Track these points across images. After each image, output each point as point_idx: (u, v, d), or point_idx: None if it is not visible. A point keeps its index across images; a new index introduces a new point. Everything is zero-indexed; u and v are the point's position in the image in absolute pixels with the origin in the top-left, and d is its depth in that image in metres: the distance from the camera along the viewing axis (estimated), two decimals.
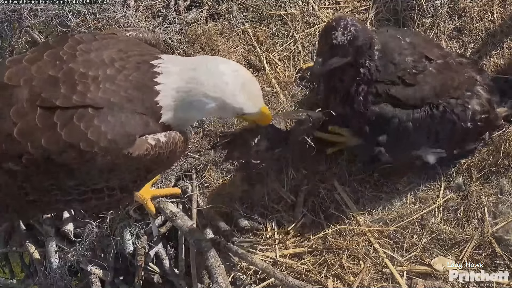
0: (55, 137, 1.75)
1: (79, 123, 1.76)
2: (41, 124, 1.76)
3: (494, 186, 2.80)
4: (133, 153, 1.83)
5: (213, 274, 2.55)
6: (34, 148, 1.75)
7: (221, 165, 3.04)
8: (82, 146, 1.76)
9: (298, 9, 3.44)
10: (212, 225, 2.91)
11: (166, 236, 3.06)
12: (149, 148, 1.87)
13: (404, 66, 2.56)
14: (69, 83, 1.80)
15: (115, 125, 1.79)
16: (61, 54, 1.88)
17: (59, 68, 1.83)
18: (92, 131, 1.77)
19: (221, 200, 2.94)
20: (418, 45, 2.66)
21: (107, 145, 1.78)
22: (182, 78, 1.88)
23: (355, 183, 2.96)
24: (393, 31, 2.79)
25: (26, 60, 1.88)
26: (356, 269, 2.73)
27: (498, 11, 3.22)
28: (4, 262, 3.62)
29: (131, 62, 1.88)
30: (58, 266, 2.97)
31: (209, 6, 3.48)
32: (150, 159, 1.90)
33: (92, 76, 1.82)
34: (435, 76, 2.61)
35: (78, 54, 1.88)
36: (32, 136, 1.76)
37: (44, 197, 1.93)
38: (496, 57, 3.12)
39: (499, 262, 2.65)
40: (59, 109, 1.77)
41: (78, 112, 1.77)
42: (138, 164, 1.90)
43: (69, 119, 1.76)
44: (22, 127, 1.76)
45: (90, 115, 1.78)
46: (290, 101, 3.16)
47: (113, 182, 1.96)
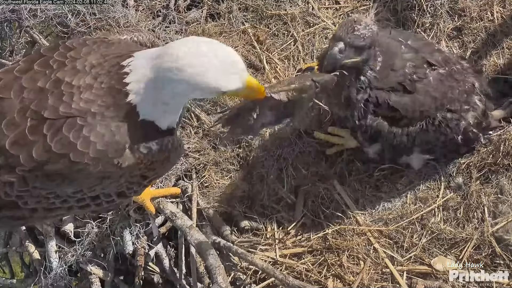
0: (46, 149, 1.73)
1: (68, 134, 1.73)
2: (32, 136, 1.74)
3: (494, 185, 2.80)
4: (122, 163, 1.80)
5: (213, 274, 2.55)
6: (26, 161, 1.74)
7: (221, 165, 3.04)
8: (72, 157, 1.73)
9: (298, 9, 3.44)
10: (212, 225, 2.91)
11: (166, 236, 3.07)
12: (141, 157, 1.83)
13: (404, 71, 2.55)
14: (56, 94, 1.77)
15: (104, 135, 1.75)
16: (51, 62, 1.85)
17: (48, 78, 1.81)
18: (81, 142, 1.73)
19: (221, 200, 2.94)
20: (420, 49, 2.64)
21: (96, 155, 1.75)
22: (148, 70, 1.73)
23: (355, 183, 2.96)
24: (396, 33, 2.76)
25: (17, 71, 1.85)
26: (356, 269, 2.73)
27: (498, 11, 3.22)
28: (4, 262, 3.62)
29: (105, 67, 1.81)
30: (58, 266, 2.97)
31: (209, 6, 3.49)
32: (144, 167, 1.87)
33: (76, 85, 1.78)
34: (436, 86, 2.60)
35: (67, 62, 1.84)
36: (24, 148, 1.74)
37: (43, 204, 1.92)
38: (496, 57, 3.12)
39: (499, 262, 2.65)
40: (49, 120, 1.75)
41: (67, 123, 1.74)
42: (132, 173, 1.88)
43: (58, 130, 1.74)
44: (14, 140, 1.75)
45: (79, 126, 1.75)
46: None
47: (109, 189, 1.93)
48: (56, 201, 1.90)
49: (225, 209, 2.93)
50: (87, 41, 1.96)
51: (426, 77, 2.59)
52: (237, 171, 3.03)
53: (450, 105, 2.65)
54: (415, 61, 2.59)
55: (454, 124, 2.68)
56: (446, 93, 2.64)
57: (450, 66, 2.70)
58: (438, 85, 2.61)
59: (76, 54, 1.87)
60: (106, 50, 1.89)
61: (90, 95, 1.76)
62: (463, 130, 2.71)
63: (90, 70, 1.80)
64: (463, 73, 2.76)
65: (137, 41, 2.13)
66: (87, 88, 1.77)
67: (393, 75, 2.54)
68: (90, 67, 1.81)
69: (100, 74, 1.80)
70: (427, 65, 2.62)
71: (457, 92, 2.67)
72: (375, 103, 2.54)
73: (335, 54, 2.29)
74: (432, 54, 2.67)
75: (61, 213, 2.01)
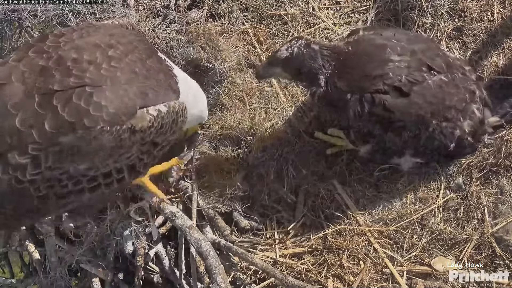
0: (58, 119, 1.79)
1: (79, 102, 1.81)
2: (42, 109, 1.80)
3: (494, 186, 2.79)
4: (135, 126, 1.90)
5: (213, 274, 2.55)
6: (40, 135, 1.77)
7: (221, 165, 3.04)
8: (87, 123, 1.80)
9: (298, 9, 3.44)
10: (212, 225, 2.91)
11: (166, 236, 3.07)
12: (151, 119, 1.94)
13: (398, 73, 2.53)
14: (63, 69, 1.87)
15: (114, 99, 1.86)
16: (46, 48, 1.95)
17: (47, 58, 1.90)
18: (93, 107, 1.82)
19: (221, 200, 2.94)
20: (420, 51, 2.62)
21: (110, 118, 1.83)
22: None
23: (355, 183, 2.96)
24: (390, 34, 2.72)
25: (12, 60, 1.93)
26: (356, 269, 2.73)
27: (498, 11, 3.22)
28: (3, 261, 3.62)
29: (138, 47, 2.07)
30: (58, 265, 2.97)
31: (209, 6, 3.48)
32: (154, 131, 1.96)
33: (88, 59, 1.92)
34: (434, 92, 2.58)
35: (62, 44, 1.96)
36: (36, 123, 1.78)
37: (55, 189, 1.93)
38: (496, 58, 3.11)
39: (499, 262, 2.65)
40: (57, 92, 1.82)
41: (75, 92, 1.83)
42: (144, 139, 1.96)
43: (68, 99, 1.81)
44: (24, 117, 1.79)
45: (88, 93, 1.84)
46: (290, 101, 3.16)
47: (122, 162, 1.97)
48: (69, 182, 1.92)
49: (225, 209, 2.93)
50: (74, 27, 2.13)
51: (424, 81, 2.57)
52: (237, 171, 3.02)
53: (446, 112, 2.63)
54: (410, 63, 2.56)
55: (448, 131, 2.68)
56: (445, 99, 2.62)
57: (452, 72, 2.68)
58: (437, 91, 2.59)
59: (69, 37, 2.01)
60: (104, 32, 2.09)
61: (119, 63, 1.95)
62: (457, 138, 2.71)
63: (109, 47, 1.99)
64: (465, 81, 2.74)
65: (118, 24, 2.29)
66: (112, 58, 1.95)
67: (368, 81, 2.52)
68: (108, 45, 1.99)
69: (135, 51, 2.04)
70: (426, 68, 2.59)
71: (455, 100, 2.65)
72: (371, 102, 2.53)
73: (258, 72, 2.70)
74: (434, 58, 2.65)
75: (70, 200, 2.03)
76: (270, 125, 3.08)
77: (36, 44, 2.00)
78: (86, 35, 2.03)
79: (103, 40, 2.02)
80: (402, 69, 2.55)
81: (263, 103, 3.15)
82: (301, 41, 2.55)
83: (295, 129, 3.07)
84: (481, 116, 2.78)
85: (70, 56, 1.91)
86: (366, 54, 2.59)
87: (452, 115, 2.66)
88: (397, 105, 2.53)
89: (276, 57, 2.55)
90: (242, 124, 3.06)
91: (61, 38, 2.00)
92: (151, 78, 2.03)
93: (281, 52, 2.53)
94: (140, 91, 1.95)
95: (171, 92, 2.11)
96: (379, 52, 2.59)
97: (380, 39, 2.65)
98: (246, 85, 3.15)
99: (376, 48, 2.60)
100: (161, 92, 2.04)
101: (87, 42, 1.99)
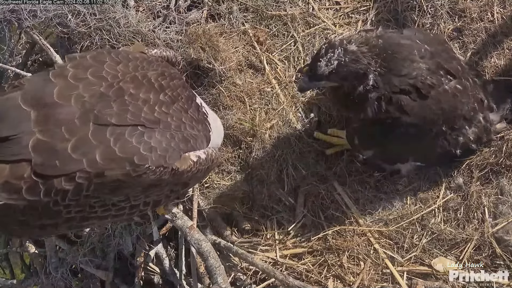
0: (110, 152, 1.81)
1: (131, 139, 1.86)
2: (95, 140, 1.81)
3: (494, 186, 2.80)
4: (180, 168, 1.96)
5: (213, 275, 2.54)
6: (90, 164, 1.78)
7: (222, 165, 3.04)
8: (136, 160, 1.84)
9: (298, 9, 3.43)
10: (213, 226, 2.91)
11: (166, 237, 3.07)
12: (191, 164, 2.02)
13: (421, 74, 2.51)
14: (120, 101, 1.93)
15: (162, 141, 1.93)
16: (104, 74, 1.99)
17: (108, 86, 1.95)
18: (143, 147, 1.87)
19: (222, 200, 2.94)
20: (436, 54, 2.60)
21: (158, 158, 1.88)
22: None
23: (355, 183, 2.96)
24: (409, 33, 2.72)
25: (71, 77, 1.94)
26: (357, 270, 2.73)
27: (498, 11, 3.21)
28: (4, 262, 3.62)
29: (180, 95, 2.17)
30: (58, 266, 2.97)
31: (209, 6, 3.48)
32: (190, 175, 2.04)
33: (143, 98, 2.00)
34: (448, 99, 2.57)
35: (120, 74, 2.02)
36: (87, 152, 1.79)
37: (83, 213, 1.96)
38: (496, 58, 3.11)
39: (499, 262, 2.66)
40: (111, 126, 1.85)
41: (128, 130, 1.88)
42: (179, 180, 2.03)
43: (121, 135, 1.85)
44: (76, 144, 1.79)
45: (140, 132, 1.90)
46: (290, 102, 3.16)
47: (151, 197, 2.05)
48: (99, 209, 1.97)
49: (226, 210, 2.93)
50: (130, 55, 2.17)
51: (440, 85, 2.56)
52: (237, 172, 3.03)
53: (456, 120, 2.63)
54: (430, 65, 2.55)
55: (452, 138, 2.68)
56: (457, 108, 2.61)
57: (465, 77, 2.67)
58: (450, 99, 2.58)
59: (125, 67, 2.07)
60: (162, 70, 2.19)
61: (168, 109, 2.05)
62: (461, 144, 2.71)
63: (161, 89, 2.09)
64: (474, 88, 2.74)
65: (164, 56, 2.37)
66: (163, 103, 2.05)
67: (397, 80, 2.49)
68: (160, 86, 2.10)
69: (178, 99, 2.14)
70: (444, 72, 2.58)
71: (466, 110, 2.65)
72: (388, 100, 2.50)
73: (301, 86, 2.56)
74: (451, 62, 2.64)
75: (92, 222, 2.07)
76: (270, 126, 3.08)
77: (93, 64, 2.01)
78: (141, 69, 2.11)
79: (156, 80, 2.10)
80: (423, 70, 2.53)
81: (263, 103, 3.15)
82: (337, 50, 2.37)
83: (295, 129, 3.07)
84: (487, 125, 2.78)
85: (129, 90, 1.97)
86: (395, 52, 2.54)
87: (461, 124, 2.67)
88: (412, 107, 2.51)
89: (318, 73, 2.39)
90: (242, 125, 3.06)
91: (118, 66, 2.05)
92: (194, 128, 2.13)
93: (321, 68, 2.37)
94: (184, 138, 2.04)
95: (205, 141, 2.21)
96: (406, 52, 2.55)
97: (403, 39, 2.61)
98: (246, 86, 3.15)
99: (402, 47, 2.57)
100: (198, 141, 2.14)
101: (143, 76, 2.07)
